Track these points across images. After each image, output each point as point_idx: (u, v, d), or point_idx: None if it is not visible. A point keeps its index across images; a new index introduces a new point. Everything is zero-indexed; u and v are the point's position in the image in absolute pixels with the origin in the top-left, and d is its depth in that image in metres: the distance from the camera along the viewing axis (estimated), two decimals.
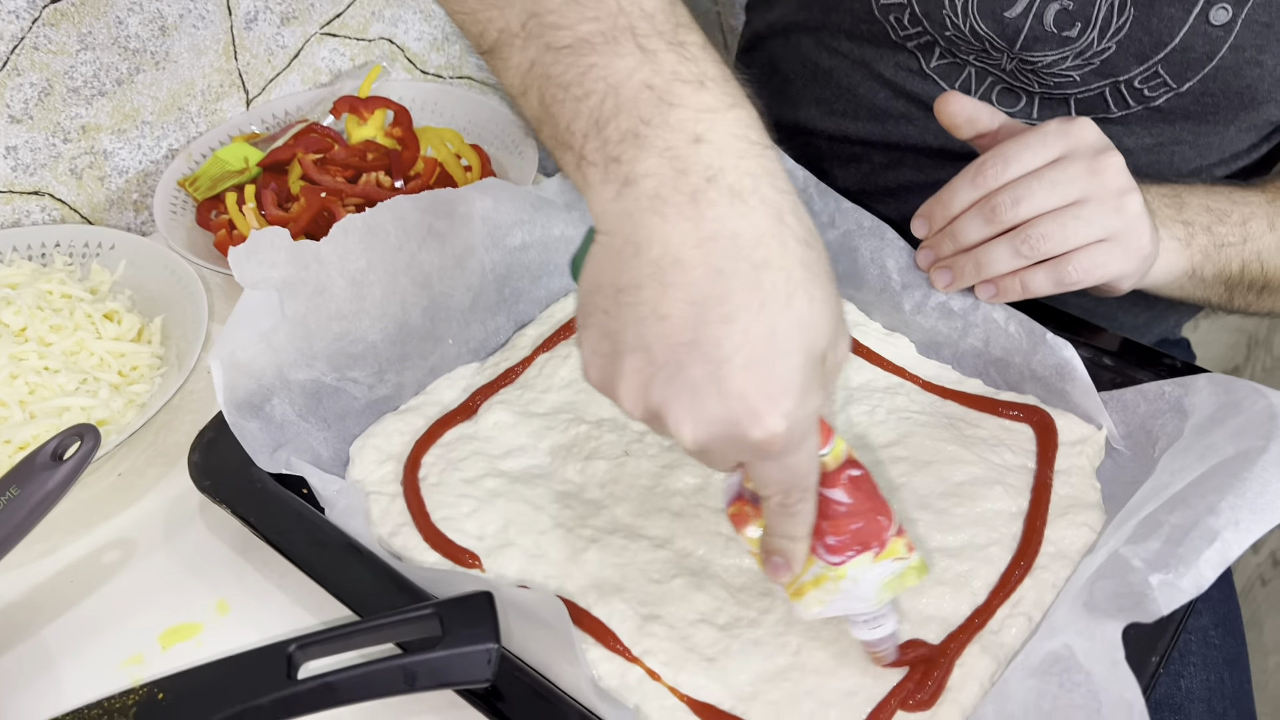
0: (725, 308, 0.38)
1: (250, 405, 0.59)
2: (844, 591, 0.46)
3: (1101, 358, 0.65)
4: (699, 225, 0.38)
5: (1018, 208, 0.60)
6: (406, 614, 0.46)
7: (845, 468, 0.45)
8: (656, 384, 0.39)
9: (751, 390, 0.38)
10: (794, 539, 0.45)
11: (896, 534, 0.46)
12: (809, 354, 0.39)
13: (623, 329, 0.40)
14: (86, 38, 0.76)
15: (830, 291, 0.40)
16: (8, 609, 0.58)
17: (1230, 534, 0.46)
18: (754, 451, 0.40)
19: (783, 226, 0.39)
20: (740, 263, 0.38)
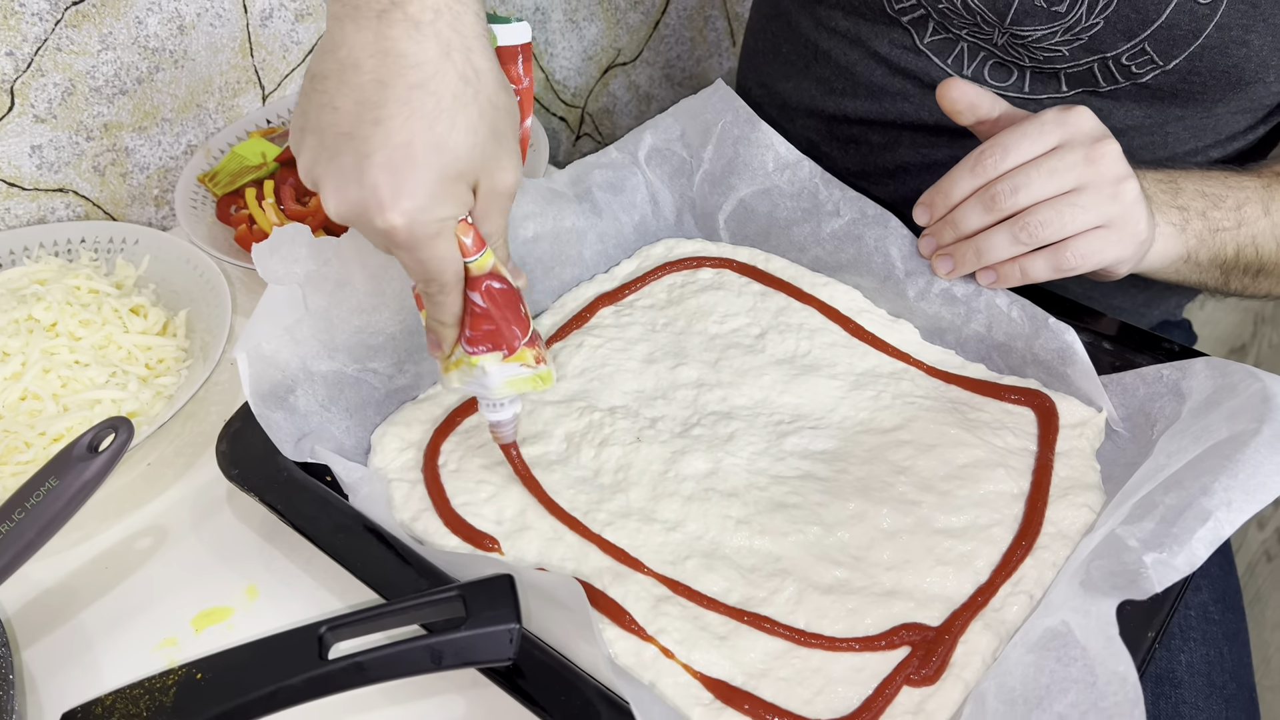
0: (379, 112, 0.46)
1: (275, 396, 0.61)
2: (475, 378, 0.56)
3: (1101, 342, 0.66)
4: (378, 39, 0.47)
5: (1016, 196, 0.61)
6: (432, 596, 0.48)
7: (487, 278, 0.53)
8: (320, 162, 0.48)
9: (382, 185, 0.47)
10: (441, 324, 0.54)
11: (528, 345, 0.56)
12: (442, 170, 0.48)
13: (310, 109, 0.49)
14: (107, 38, 0.78)
15: (477, 124, 0.48)
16: (46, 594, 0.60)
17: (1223, 514, 0.48)
18: (381, 236, 0.49)
19: (446, 60, 0.47)
20: (399, 79, 0.46)
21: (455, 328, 0.55)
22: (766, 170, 0.75)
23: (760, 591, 0.56)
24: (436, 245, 0.50)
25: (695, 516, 0.60)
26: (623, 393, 0.68)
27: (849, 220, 0.71)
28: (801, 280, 0.74)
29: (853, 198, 0.71)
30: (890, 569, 0.57)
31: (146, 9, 0.79)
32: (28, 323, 0.67)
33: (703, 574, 0.57)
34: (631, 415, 0.66)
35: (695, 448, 0.63)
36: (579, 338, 0.72)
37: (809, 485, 0.61)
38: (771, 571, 0.57)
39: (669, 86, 1.27)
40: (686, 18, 1.23)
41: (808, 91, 0.86)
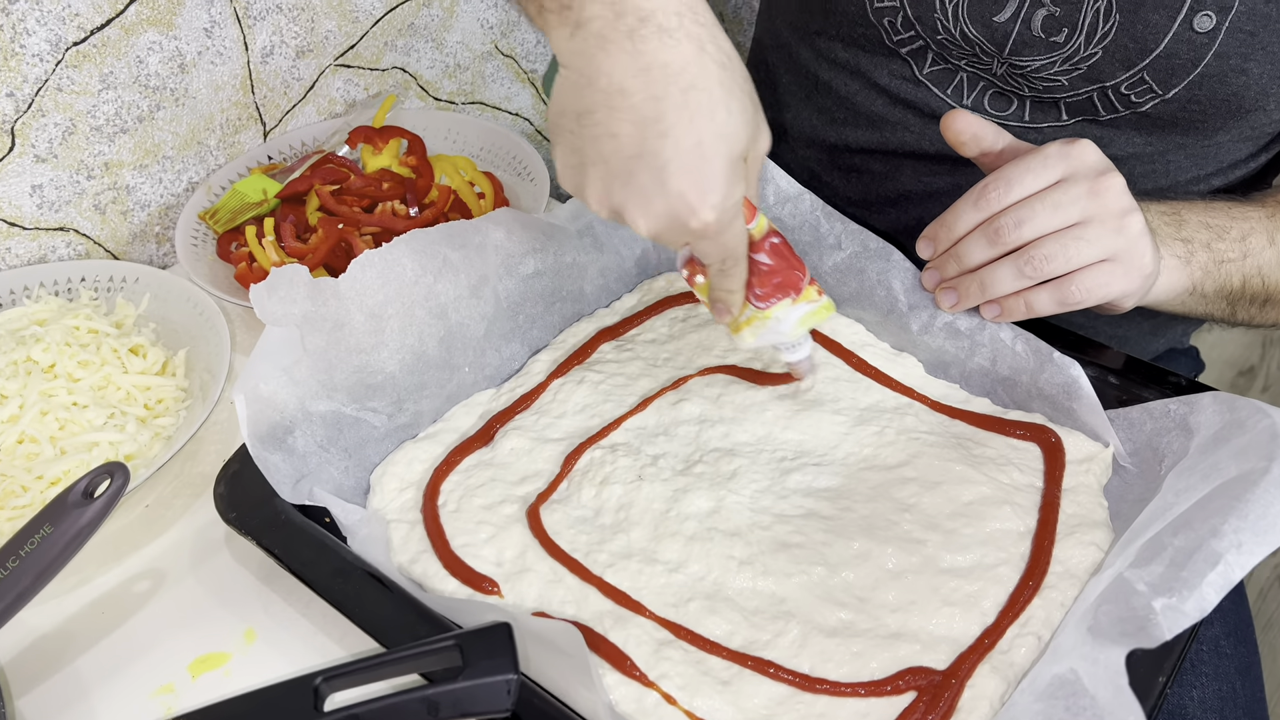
0: (661, 125, 0.48)
1: (273, 438, 0.60)
2: (770, 328, 0.61)
3: (1107, 376, 0.66)
4: (636, 58, 0.48)
5: (1020, 229, 0.61)
6: (428, 645, 0.48)
7: (768, 237, 0.58)
8: (615, 189, 0.50)
9: (688, 190, 0.49)
10: (731, 291, 0.59)
11: (809, 283, 0.60)
12: (731, 156, 0.50)
13: (585, 146, 0.50)
14: (108, 77, 0.78)
15: (744, 102, 0.50)
16: (42, 640, 0.59)
17: (1233, 556, 0.47)
18: (693, 236, 0.52)
19: (704, 54, 0.49)
20: (671, 87, 0.48)
21: (743, 291, 0.58)
22: (767, 204, 0.74)
23: (764, 634, 0.55)
24: (736, 225, 0.53)
25: (697, 557, 0.59)
26: (624, 429, 0.67)
27: (851, 253, 0.71)
28: None
29: (854, 230, 0.71)
30: (896, 610, 0.56)
31: (147, 48, 0.79)
32: (26, 364, 0.67)
33: (705, 617, 0.56)
34: (633, 452, 0.65)
35: (697, 485, 0.63)
36: (580, 374, 0.71)
37: (812, 524, 0.61)
38: (775, 614, 0.56)
39: None
40: None
41: (808, 121, 0.86)
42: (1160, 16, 0.67)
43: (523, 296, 0.71)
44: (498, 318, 0.70)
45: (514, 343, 0.72)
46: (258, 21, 0.85)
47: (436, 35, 0.98)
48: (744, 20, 1.28)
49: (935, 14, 0.72)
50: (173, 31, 0.80)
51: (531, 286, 0.72)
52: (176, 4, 0.80)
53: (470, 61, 1.02)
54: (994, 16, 0.71)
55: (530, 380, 0.71)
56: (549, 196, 0.86)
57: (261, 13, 0.85)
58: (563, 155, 0.52)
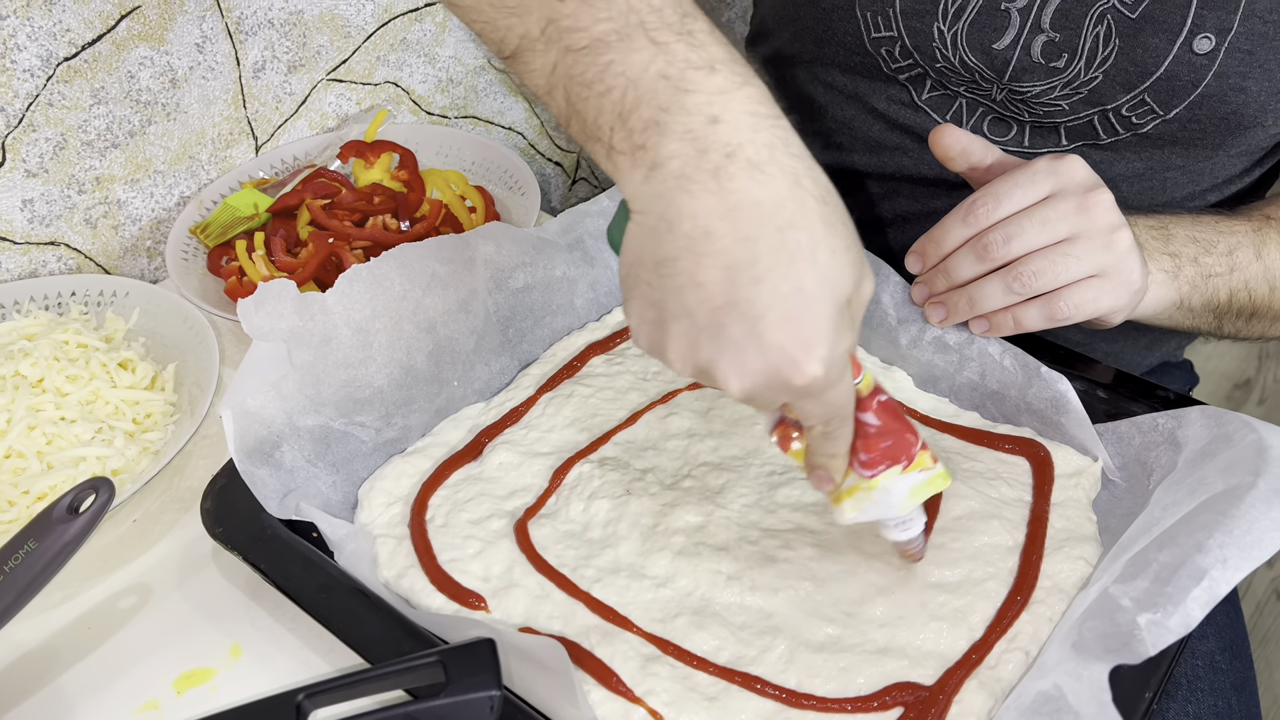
0: (755, 270, 0.42)
1: (260, 452, 0.60)
2: (876, 500, 0.52)
3: (1096, 390, 0.66)
4: (723, 198, 0.42)
5: (1009, 245, 0.61)
6: (411, 661, 0.47)
7: (875, 394, 0.51)
8: (702, 345, 0.44)
9: (788, 342, 0.43)
10: (834, 456, 0.51)
11: (922, 448, 0.52)
12: (836, 301, 0.43)
13: (665, 298, 0.44)
14: (99, 92, 0.78)
15: (849, 240, 0.44)
16: (26, 656, 0.59)
17: (1218, 572, 0.47)
18: (796, 394, 0.45)
19: (800, 189, 0.43)
20: (765, 227, 0.42)
21: (848, 457, 0.51)
22: None
23: (751, 650, 0.55)
24: (844, 380, 0.46)
25: (685, 572, 0.59)
26: (613, 443, 0.67)
27: None
28: None
29: None
30: (883, 625, 0.56)
31: (139, 63, 0.80)
32: (14, 379, 0.67)
33: (692, 632, 0.56)
34: (622, 467, 0.65)
35: (686, 500, 0.63)
36: (569, 387, 0.71)
37: (801, 538, 0.60)
38: (762, 629, 0.56)
39: None
40: None
41: (805, 144, 0.86)
42: (1160, 40, 0.67)
43: (512, 310, 0.71)
44: (487, 332, 0.70)
45: (503, 357, 0.72)
46: (249, 36, 0.86)
47: (429, 50, 0.99)
48: (737, 34, 1.29)
49: (934, 43, 0.72)
50: (164, 47, 0.80)
51: (521, 300, 0.72)
52: (168, 19, 0.80)
53: (463, 76, 1.02)
54: (993, 44, 0.71)
55: (519, 394, 0.71)
56: (539, 210, 0.86)
57: (253, 28, 0.86)
58: (639, 310, 0.45)
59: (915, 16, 0.72)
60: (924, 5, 0.72)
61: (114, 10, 0.77)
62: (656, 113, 0.43)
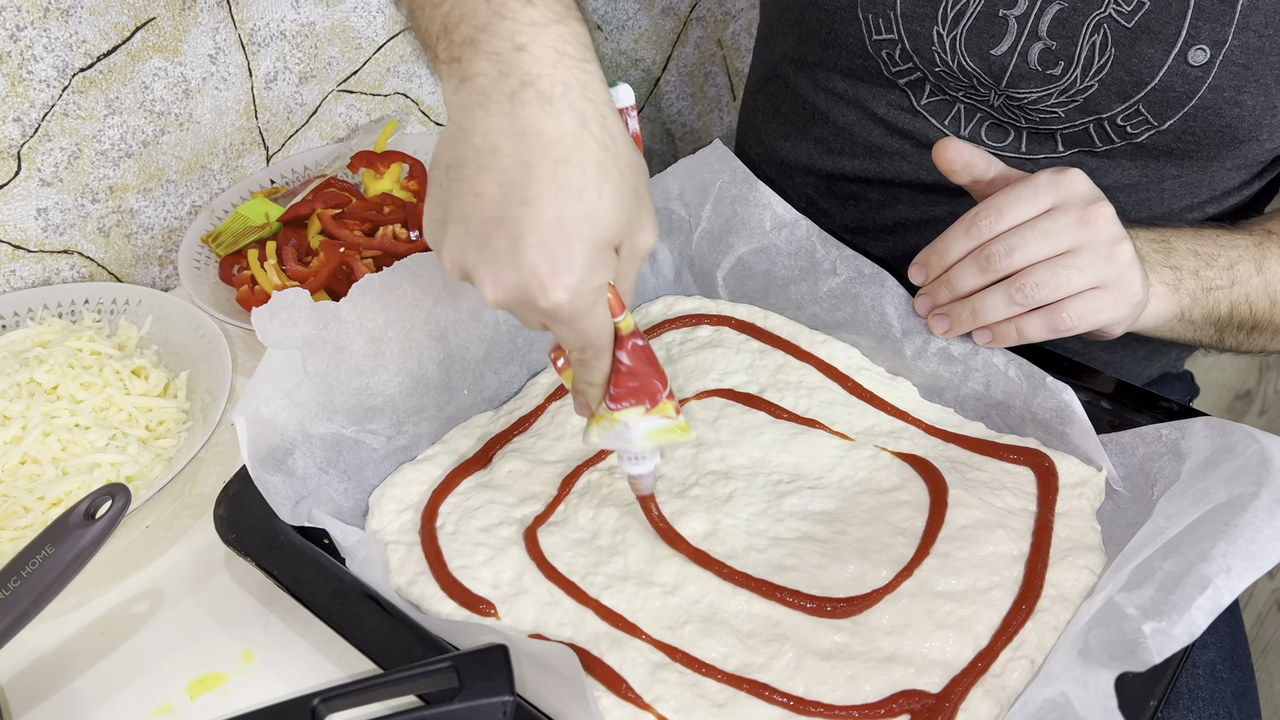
0: (526, 193, 0.46)
1: (273, 460, 0.61)
2: (618, 433, 0.57)
3: (1100, 400, 0.66)
4: (513, 121, 0.46)
5: (1011, 257, 0.62)
6: (425, 667, 0.48)
7: (631, 337, 0.54)
8: (469, 250, 0.48)
9: (540, 264, 0.46)
10: (591, 384, 0.55)
11: (668, 398, 0.57)
12: (595, 240, 0.47)
13: (449, 200, 0.48)
14: (114, 103, 0.79)
15: (622, 188, 0.48)
16: (41, 661, 0.60)
17: (1222, 581, 0.48)
18: (544, 315, 0.49)
19: (584, 130, 0.47)
20: (543, 157, 0.46)
21: (603, 387, 0.55)
22: (764, 229, 0.75)
23: (759, 657, 0.56)
24: (594, 313, 0.50)
25: (694, 579, 0.59)
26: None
27: (845, 279, 0.72)
28: (800, 338, 0.75)
29: (849, 256, 0.72)
30: (890, 633, 0.56)
31: (153, 74, 0.80)
32: (29, 386, 0.68)
33: (701, 639, 0.56)
34: None
35: (694, 509, 0.63)
36: None
37: (808, 547, 0.61)
38: (770, 636, 0.57)
39: (669, 142, 1.28)
40: (686, 74, 1.24)
41: (806, 150, 0.87)
42: (1155, 50, 0.68)
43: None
44: (497, 341, 0.71)
45: (513, 365, 0.73)
46: (262, 48, 0.87)
47: None
48: (742, 47, 1.30)
49: (933, 46, 0.73)
50: (178, 58, 0.81)
51: None
52: (182, 31, 0.81)
53: None
54: (991, 49, 0.72)
55: (529, 402, 0.72)
56: None
57: (266, 39, 0.87)
58: (430, 207, 0.50)
59: (915, 20, 0.73)
60: (924, 9, 0.73)
61: (129, 22, 0.78)
62: (473, 31, 0.47)
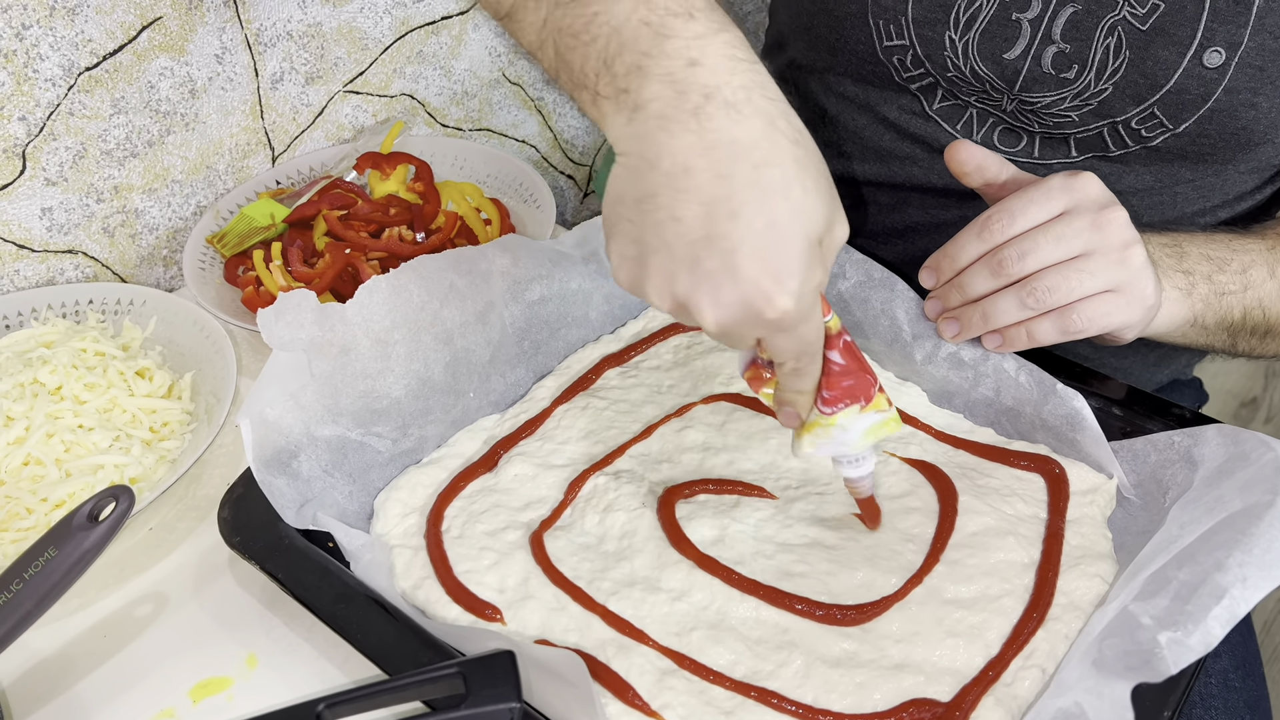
0: (730, 205, 0.44)
1: (278, 462, 0.60)
2: (833, 437, 0.55)
3: (1111, 407, 0.66)
4: (702, 136, 0.44)
5: (1024, 261, 0.61)
6: (431, 673, 0.48)
7: (841, 334, 0.53)
8: (680, 278, 0.45)
9: (761, 275, 0.44)
10: (802, 393, 0.53)
11: (879, 390, 0.54)
12: (808, 237, 0.45)
13: (645, 233, 0.46)
14: (119, 102, 0.79)
15: (821, 181, 0.46)
16: (43, 664, 0.59)
17: (1238, 591, 0.47)
18: (769, 328, 0.47)
19: (775, 130, 0.45)
20: (740, 164, 0.44)
21: (814, 394, 0.53)
22: None
23: (767, 665, 0.55)
24: (814, 316, 0.48)
25: (701, 585, 0.59)
26: (628, 456, 0.67)
27: (855, 282, 0.71)
28: None
29: (859, 260, 0.71)
30: (899, 641, 0.56)
31: (159, 73, 0.80)
32: (33, 386, 0.67)
33: (709, 646, 0.56)
34: (637, 479, 0.65)
35: (701, 514, 0.63)
36: (584, 400, 0.71)
37: (816, 553, 0.61)
38: (779, 643, 0.56)
39: None
40: None
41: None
42: (1170, 53, 0.67)
43: (528, 322, 0.72)
44: (503, 343, 0.70)
45: (519, 368, 0.72)
46: (268, 48, 0.86)
47: (444, 63, 0.99)
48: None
49: (945, 52, 0.73)
50: (184, 57, 0.81)
51: (537, 312, 0.72)
52: (189, 31, 0.81)
53: (478, 89, 1.03)
54: (1004, 54, 0.71)
55: (535, 406, 0.71)
56: (555, 223, 0.87)
57: (272, 39, 0.86)
58: (619, 247, 0.47)
59: (927, 25, 0.73)
60: (935, 14, 0.72)
61: (135, 21, 0.77)
62: (639, 58, 0.45)
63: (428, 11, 0.95)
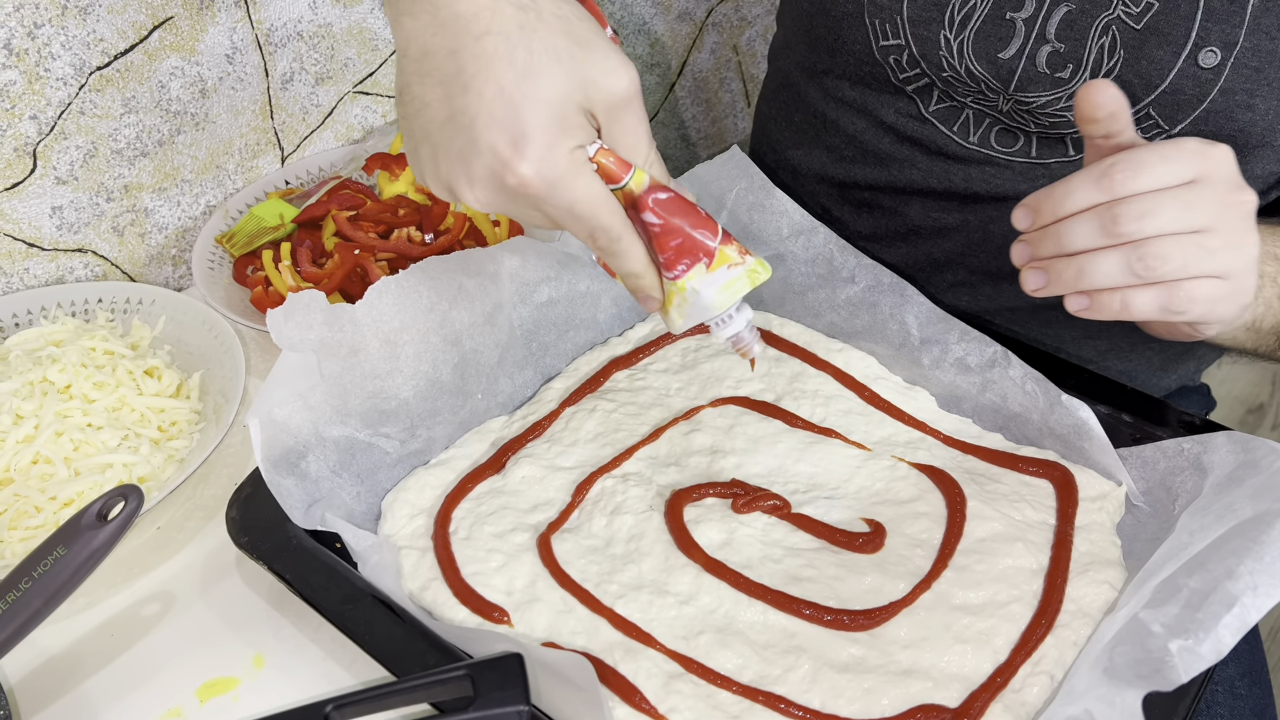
0: (463, 79, 0.45)
1: (286, 462, 0.60)
2: (691, 302, 0.51)
3: (1120, 414, 0.66)
4: (435, 15, 0.46)
5: (1142, 222, 0.54)
6: (439, 675, 0.48)
7: (650, 192, 0.49)
8: (440, 163, 0.47)
9: (498, 143, 0.45)
10: (633, 273, 0.51)
11: (724, 242, 0.50)
12: (546, 101, 0.45)
13: (410, 126, 0.47)
14: (130, 101, 0.79)
15: (556, 41, 0.46)
16: (50, 662, 0.59)
17: (1249, 599, 0.47)
18: (522, 199, 0.46)
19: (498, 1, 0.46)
20: (464, 37, 0.45)
21: (651, 268, 0.51)
22: (781, 236, 0.75)
23: (774, 669, 0.55)
24: (575, 184, 0.47)
25: (709, 589, 0.59)
26: (636, 459, 0.67)
27: (865, 287, 0.71)
28: (816, 346, 0.74)
29: (868, 265, 0.71)
30: (907, 647, 0.56)
31: (170, 73, 0.80)
32: (42, 385, 0.67)
33: (716, 650, 0.56)
34: (645, 482, 0.65)
35: (709, 517, 0.63)
36: (592, 402, 0.71)
37: (824, 557, 0.60)
38: (786, 648, 0.56)
39: (685, 147, 1.28)
40: (702, 80, 1.24)
41: (818, 159, 0.87)
42: (1165, 53, 0.67)
43: (536, 324, 0.72)
44: (511, 345, 0.70)
45: (527, 370, 0.72)
46: (279, 49, 0.86)
47: None
48: (758, 54, 1.29)
49: (940, 51, 0.73)
50: (195, 57, 0.81)
51: (545, 314, 0.72)
52: (199, 30, 0.81)
53: None
54: (999, 53, 0.71)
55: (543, 408, 0.71)
56: None
57: (283, 40, 0.86)
58: (406, 147, 0.49)
59: (922, 24, 0.73)
60: (931, 13, 0.72)
61: (147, 21, 0.77)
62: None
63: None
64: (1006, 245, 0.59)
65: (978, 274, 0.81)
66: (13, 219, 0.77)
